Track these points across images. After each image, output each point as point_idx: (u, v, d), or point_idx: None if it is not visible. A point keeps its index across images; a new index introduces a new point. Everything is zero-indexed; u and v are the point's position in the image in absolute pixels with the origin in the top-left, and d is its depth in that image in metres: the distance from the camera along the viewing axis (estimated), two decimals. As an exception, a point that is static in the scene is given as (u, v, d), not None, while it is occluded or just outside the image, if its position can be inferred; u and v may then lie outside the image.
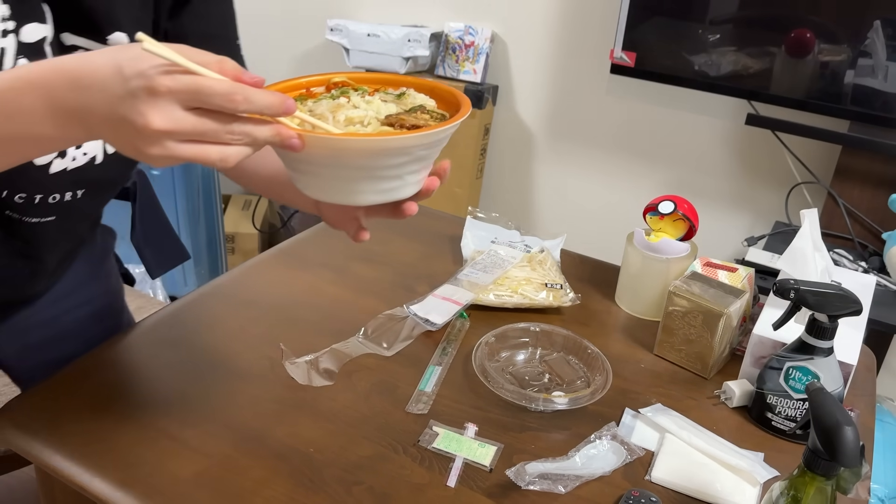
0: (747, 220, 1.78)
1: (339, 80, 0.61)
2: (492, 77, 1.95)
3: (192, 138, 0.44)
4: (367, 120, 0.53)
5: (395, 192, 0.54)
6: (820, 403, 0.57)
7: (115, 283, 0.99)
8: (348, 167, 0.51)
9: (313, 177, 0.53)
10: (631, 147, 1.87)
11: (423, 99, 0.59)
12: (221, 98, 0.43)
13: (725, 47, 1.51)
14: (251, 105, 0.44)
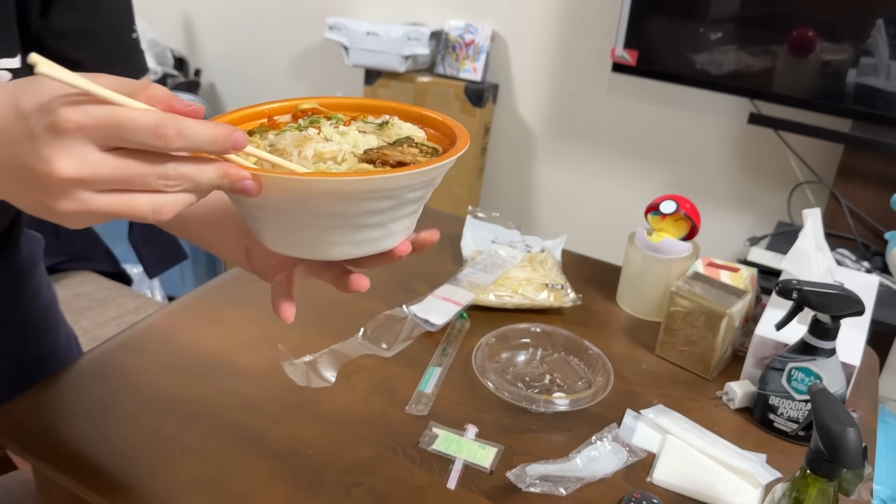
0: (749, 219, 1.77)
1: (307, 108, 0.50)
2: (492, 76, 1.95)
3: (113, 187, 0.35)
4: (342, 155, 0.43)
5: (375, 244, 0.45)
6: (822, 404, 0.56)
7: (45, 298, 0.86)
8: (317, 214, 0.41)
9: (274, 226, 0.43)
10: (632, 146, 1.87)
11: (409, 129, 0.49)
12: (148, 133, 0.34)
13: (727, 46, 1.51)
14: (187, 140, 0.35)
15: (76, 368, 0.78)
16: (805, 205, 1.62)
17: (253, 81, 2.33)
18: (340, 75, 2.12)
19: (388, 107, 0.52)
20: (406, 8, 1.98)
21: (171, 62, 2.16)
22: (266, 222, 0.44)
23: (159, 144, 0.34)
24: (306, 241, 0.43)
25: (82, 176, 0.34)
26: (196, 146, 0.36)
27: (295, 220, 0.42)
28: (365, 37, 1.89)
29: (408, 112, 0.51)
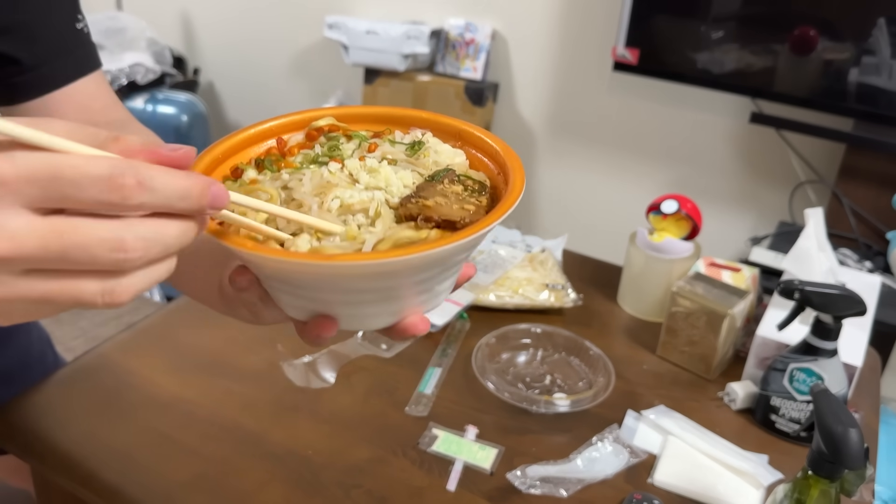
0: (751, 219, 1.77)
1: (324, 125, 0.43)
2: (492, 74, 1.94)
3: (47, 266, 0.26)
4: (374, 208, 0.35)
5: (421, 307, 0.38)
6: (824, 405, 0.56)
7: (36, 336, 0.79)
8: (350, 291, 0.35)
9: (298, 299, 0.37)
10: (633, 145, 1.86)
11: (447, 152, 0.41)
12: (99, 184, 0.25)
13: (729, 44, 1.50)
14: (152, 195, 0.26)
15: (75, 369, 0.78)
16: (807, 204, 1.61)
17: (252, 80, 2.33)
18: (340, 74, 2.12)
19: (416, 118, 0.43)
20: (406, 6, 1.98)
21: (169, 61, 2.16)
22: (288, 294, 0.37)
23: (113, 200, 0.25)
24: (339, 316, 0.36)
25: (7, 252, 0.25)
26: (162, 202, 0.27)
27: (323, 296, 0.36)
28: (364, 35, 1.88)
29: (442, 125, 0.43)
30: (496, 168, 0.40)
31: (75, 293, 0.26)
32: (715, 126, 1.73)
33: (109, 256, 0.26)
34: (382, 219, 0.35)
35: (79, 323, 1.79)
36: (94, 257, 0.26)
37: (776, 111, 1.53)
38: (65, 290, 0.26)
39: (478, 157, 0.41)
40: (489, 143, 0.41)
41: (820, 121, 1.49)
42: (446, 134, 0.42)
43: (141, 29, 2.08)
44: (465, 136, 0.42)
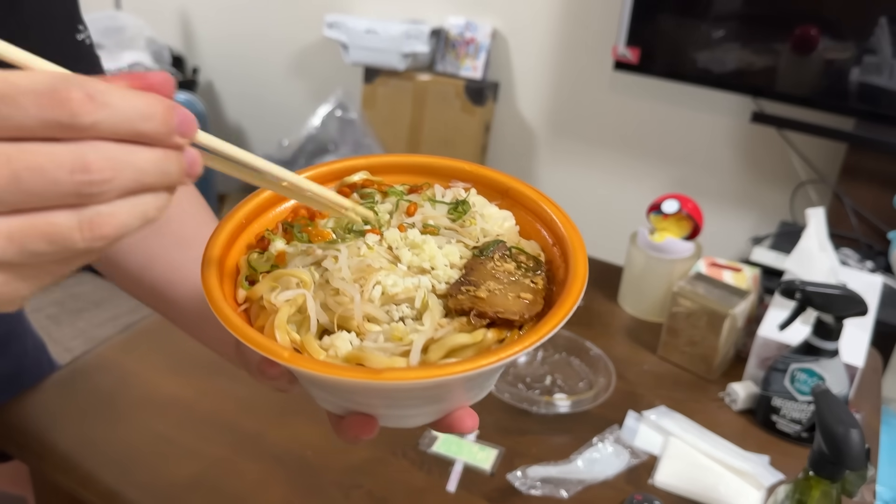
0: (752, 219, 1.76)
1: (357, 181, 0.39)
2: (492, 74, 1.94)
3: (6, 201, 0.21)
4: (420, 298, 0.32)
5: (471, 401, 0.35)
6: (825, 406, 0.56)
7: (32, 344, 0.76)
8: (394, 400, 0.33)
9: (336, 400, 0.34)
10: (634, 145, 1.86)
11: (495, 218, 0.37)
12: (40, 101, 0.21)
13: (730, 44, 1.50)
14: (108, 112, 0.22)
15: (74, 369, 0.77)
16: (808, 204, 1.61)
17: (251, 79, 2.32)
18: (339, 73, 2.12)
19: (458, 170, 0.39)
20: (406, 5, 1.97)
21: (168, 60, 2.16)
22: (324, 392, 0.34)
23: (61, 118, 0.21)
24: (380, 416, 0.34)
25: None
26: (122, 122, 0.22)
27: (365, 401, 0.33)
28: (364, 35, 1.88)
29: (486, 180, 0.39)
30: (550, 237, 0.36)
31: (46, 228, 0.22)
32: (716, 125, 1.73)
33: (72, 179, 0.21)
34: (430, 313, 0.32)
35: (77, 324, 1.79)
36: (54, 182, 0.21)
37: (777, 111, 1.53)
38: (33, 227, 0.22)
39: (527, 220, 0.37)
40: (543, 209, 0.37)
41: (821, 120, 1.49)
42: (491, 189, 0.39)
43: (139, 28, 2.07)
44: (514, 195, 0.38)
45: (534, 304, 0.32)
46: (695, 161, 1.80)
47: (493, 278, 0.33)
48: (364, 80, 1.98)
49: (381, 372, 0.28)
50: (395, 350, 0.31)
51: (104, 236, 0.23)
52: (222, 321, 0.30)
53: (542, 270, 0.35)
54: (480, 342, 0.31)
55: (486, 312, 0.31)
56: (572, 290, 0.32)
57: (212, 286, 0.32)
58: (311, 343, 0.31)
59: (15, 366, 0.74)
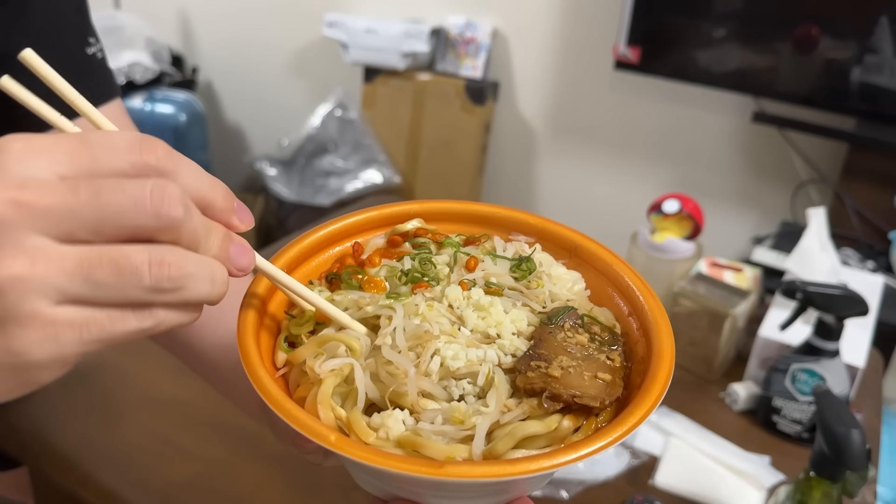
0: (753, 218, 1.76)
1: (409, 229, 0.35)
2: (493, 73, 1.94)
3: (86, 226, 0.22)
4: (484, 374, 0.29)
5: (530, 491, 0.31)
6: (826, 406, 0.56)
7: None
8: (446, 492, 0.29)
9: (373, 479, 0.31)
10: (634, 145, 1.86)
11: (563, 280, 0.33)
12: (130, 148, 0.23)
13: (731, 43, 1.50)
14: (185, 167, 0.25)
15: (73, 370, 0.77)
16: (809, 204, 1.61)
17: (251, 78, 2.32)
18: (339, 73, 2.11)
19: (521, 223, 0.35)
20: (406, 4, 1.97)
21: (167, 59, 2.15)
22: (368, 477, 0.31)
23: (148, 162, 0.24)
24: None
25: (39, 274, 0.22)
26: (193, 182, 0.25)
27: (416, 490, 0.29)
28: (364, 34, 1.88)
29: (551, 235, 0.35)
30: (625, 305, 0.32)
31: (117, 256, 0.22)
32: (716, 125, 1.73)
33: (152, 198, 0.23)
34: (496, 392, 0.28)
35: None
36: (134, 200, 0.22)
37: (778, 110, 1.53)
38: (105, 254, 0.22)
39: (598, 284, 0.34)
40: (618, 273, 0.33)
41: (822, 120, 1.48)
42: (557, 246, 0.35)
43: (139, 28, 2.07)
44: (583, 254, 0.34)
45: (613, 385, 0.29)
46: (695, 161, 1.80)
47: (566, 352, 0.29)
48: (364, 80, 1.98)
49: (441, 466, 0.25)
50: (454, 435, 0.27)
51: (171, 277, 0.23)
52: (260, 393, 0.27)
53: (618, 345, 0.31)
54: (554, 431, 0.27)
55: (561, 395, 0.27)
56: (659, 373, 0.28)
57: (248, 348, 0.29)
58: (359, 422, 0.27)
59: None
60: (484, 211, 0.36)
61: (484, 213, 0.36)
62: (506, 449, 0.27)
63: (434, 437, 0.27)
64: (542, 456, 0.25)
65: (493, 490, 0.28)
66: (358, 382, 0.28)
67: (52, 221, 0.22)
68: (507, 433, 0.27)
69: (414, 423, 0.28)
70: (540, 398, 0.27)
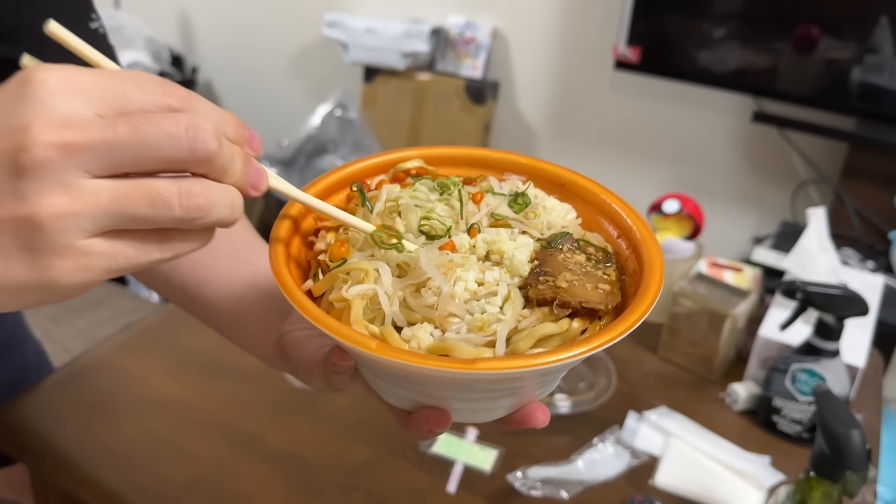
0: (753, 218, 1.76)
1: (412, 167, 0.38)
2: (493, 73, 1.94)
3: (124, 161, 0.24)
4: (503, 290, 0.31)
5: (540, 396, 0.34)
6: (826, 406, 0.56)
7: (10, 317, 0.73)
8: (474, 392, 0.32)
9: (408, 394, 0.33)
10: (635, 144, 1.86)
11: (557, 210, 0.36)
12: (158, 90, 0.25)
13: (731, 43, 1.50)
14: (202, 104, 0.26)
15: (73, 370, 0.77)
16: (809, 204, 1.61)
17: (251, 78, 2.32)
18: (339, 72, 2.11)
19: (513, 163, 0.39)
20: (406, 4, 1.97)
21: (167, 59, 2.15)
22: (395, 386, 0.33)
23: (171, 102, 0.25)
24: (452, 410, 0.33)
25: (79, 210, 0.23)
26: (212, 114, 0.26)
27: (440, 394, 0.32)
28: (364, 34, 1.88)
29: (542, 172, 0.38)
30: (614, 229, 0.36)
31: (150, 190, 0.24)
32: (717, 125, 1.73)
33: (188, 133, 0.24)
34: (512, 303, 0.31)
35: (77, 323, 1.79)
36: (171, 135, 0.24)
37: (778, 110, 1.53)
38: (138, 188, 0.24)
39: (588, 213, 0.37)
40: (605, 201, 0.36)
41: (822, 120, 1.48)
42: (547, 182, 0.38)
43: (139, 27, 2.07)
44: (572, 187, 0.37)
45: (612, 294, 0.32)
46: (695, 161, 1.80)
47: (567, 269, 0.32)
48: (364, 80, 1.98)
49: (473, 362, 0.27)
50: (479, 341, 0.30)
51: (199, 207, 0.25)
52: (302, 312, 0.29)
53: (612, 262, 0.34)
54: (566, 332, 0.30)
55: (570, 302, 0.30)
56: (652, 279, 0.31)
57: (284, 276, 0.31)
58: (393, 335, 0.30)
59: (15, 372, 0.74)
60: (479, 154, 0.40)
61: (479, 155, 0.40)
62: (526, 348, 0.30)
63: (462, 344, 0.29)
64: (560, 349, 0.28)
65: (511, 389, 0.31)
66: (383, 304, 0.31)
67: (93, 159, 0.23)
68: (526, 334, 0.30)
69: (441, 334, 0.30)
70: (550, 307, 0.31)
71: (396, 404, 0.34)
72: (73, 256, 0.24)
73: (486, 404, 0.33)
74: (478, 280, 0.31)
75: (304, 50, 2.21)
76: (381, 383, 0.34)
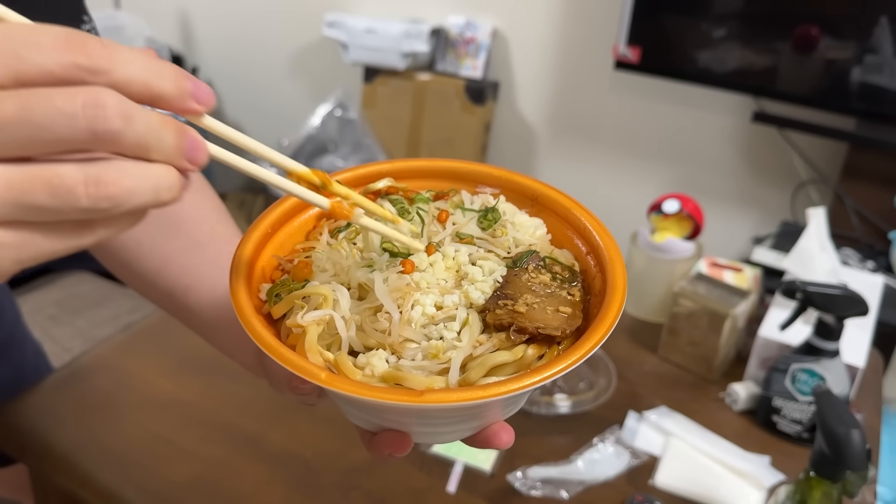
0: (753, 218, 1.76)
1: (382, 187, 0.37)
2: (493, 73, 1.94)
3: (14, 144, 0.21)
4: (461, 319, 0.31)
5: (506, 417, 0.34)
6: (826, 406, 0.56)
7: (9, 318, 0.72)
8: (426, 419, 0.32)
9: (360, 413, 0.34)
10: (635, 145, 1.86)
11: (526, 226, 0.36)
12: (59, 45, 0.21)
13: (731, 43, 1.50)
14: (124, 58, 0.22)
15: (72, 370, 0.77)
16: (809, 204, 1.61)
17: (251, 78, 2.32)
18: (339, 72, 2.11)
19: (486, 175, 0.38)
20: (406, 4, 1.97)
21: (167, 59, 2.15)
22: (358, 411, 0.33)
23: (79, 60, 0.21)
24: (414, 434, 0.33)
25: None
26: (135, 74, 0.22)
27: (400, 420, 0.32)
28: (364, 34, 1.88)
29: (514, 185, 0.38)
30: (584, 245, 0.35)
31: (51, 178, 0.21)
32: (717, 125, 1.73)
33: (85, 112, 0.20)
34: (469, 329, 0.31)
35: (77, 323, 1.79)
36: (65, 114, 0.20)
37: (778, 110, 1.53)
38: (37, 175, 0.21)
39: (559, 227, 0.36)
40: (576, 216, 0.36)
41: (822, 120, 1.48)
42: (520, 195, 0.38)
43: (139, 28, 2.07)
44: (544, 201, 0.37)
45: (573, 317, 0.32)
46: (695, 161, 1.80)
47: (530, 291, 0.32)
48: (364, 80, 1.98)
49: (421, 394, 0.27)
50: (433, 368, 0.30)
51: (109, 196, 0.21)
52: (254, 339, 0.29)
53: (577, 281, 0.34)
54: (521, 359, 0.30)
55: (527, 328, 0.30)
56: (612, 304, 0.31)
57: (241, 300, 0.31)
58: (346, 362, 0.30)
59: (14, 372, 0.74)
60: (451, 167, 0.39)
61: (451, 168, 0.39)
62: (478, 377, 0.30)
63: (415, 372, 0.29)
64: (510, 380, 0.28)
65: (470, 415, 0.31)
66: (339, 330, 0.31)
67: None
68: (478, 363, 0.30)
69: (396, 360, 0.30)
70: (508, 332, 0.31)
71: (360, 426, 0.34)
72: None
73: (447, 428, 0.33)
74: (437, 304, 0.31)
75: (304, 50, 2.21)
76: (343, 405, 0.34)
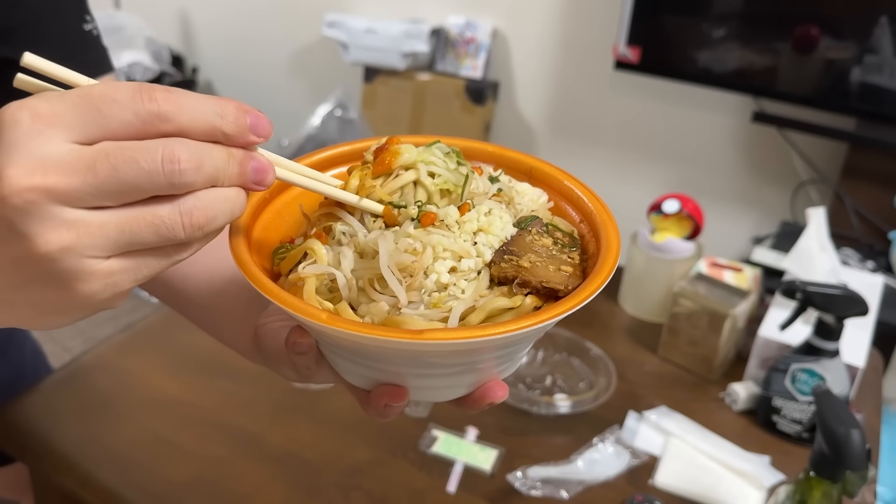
0: (753, 218, 1.76)
1: None
2: (493, 73, 1.94)
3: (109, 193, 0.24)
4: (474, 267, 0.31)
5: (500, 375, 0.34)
6: (826, 406, 0.56)
7: None
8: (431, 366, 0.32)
9: (364, 369, 0.33)
10: (635, 145, 1.86)
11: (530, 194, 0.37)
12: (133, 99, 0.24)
13: (731, 43, 1.50)
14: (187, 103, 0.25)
15: (72, 370, 0.77)
16: (809, 204, 1.61)
17: (251, 78, 2.32)
18: (339, 72, 2.11)
19: (482, 151, 0.39)
20: (406, 4, 1.97)
21: (167, 59, 2.15)
22: (352, 363, 0.33)
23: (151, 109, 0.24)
24: (409, 387, 0.33)
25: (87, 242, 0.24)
26: (199, 115, 0.25)
27: (396, 369, 0.32)
28: (364, 34, 1.88)
29: (509, 161, 0.39)
30: (577, 213, 0.37)
31: (152, 219, 0.25)
32: (717, 125, 1.73)
33: (163, 169, 0.24)
34: (477, 283, 0.31)
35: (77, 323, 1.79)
36: (148, 172, 0.24)
37: (778, 110, 1.53)
38: (140, 217, 0.25)
39: (553, 198, 0.38)
40: (569, 187, 0.37)
41: (822, 120, 1.48)
42: (514, 170, 0.38)
43: (139, 27, 2.07)
44: (538, 175, 0.38)
45: (574, 276, 0.33)
46: (695, 161, 1.80)
47: (533, 251, 0.33)
48: (364, 80, 1.98)
49: (421, 332, 0.27)
50: (434, 316, 0.30)
51: (200, 226, 0.26)
52: (255, 285, 0.30)
53: (577, 247, 0.35)
54: (519, 307, 0.31)
55: (530, 281, 0.31)
56: (608, 257, 0.32)
57: (241, 253, 0.31)
58: (346, 310, 0.30)
59: (13, 372, 0.74)
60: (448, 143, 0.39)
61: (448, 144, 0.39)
62: (477, 321, 0.30)
63: (415, 318, 0.30)
64: (508, 322, 0.28)
65: (466, 363, 0.31)
66: (340, 286, 0.31)
67: (78, 199, 0.24)
68: (478, 308, 0.30)
69: (398, 312, 0.31)
70: (510, 285, 0.31)
71: (356, 383, 0.35)
72: (97, 279, 0.25)
73: (444, 381, 0.33)
74: (452, 268, 0.31)
75: (304, 50, 2.21)
76: (340, 361, 0.34)
